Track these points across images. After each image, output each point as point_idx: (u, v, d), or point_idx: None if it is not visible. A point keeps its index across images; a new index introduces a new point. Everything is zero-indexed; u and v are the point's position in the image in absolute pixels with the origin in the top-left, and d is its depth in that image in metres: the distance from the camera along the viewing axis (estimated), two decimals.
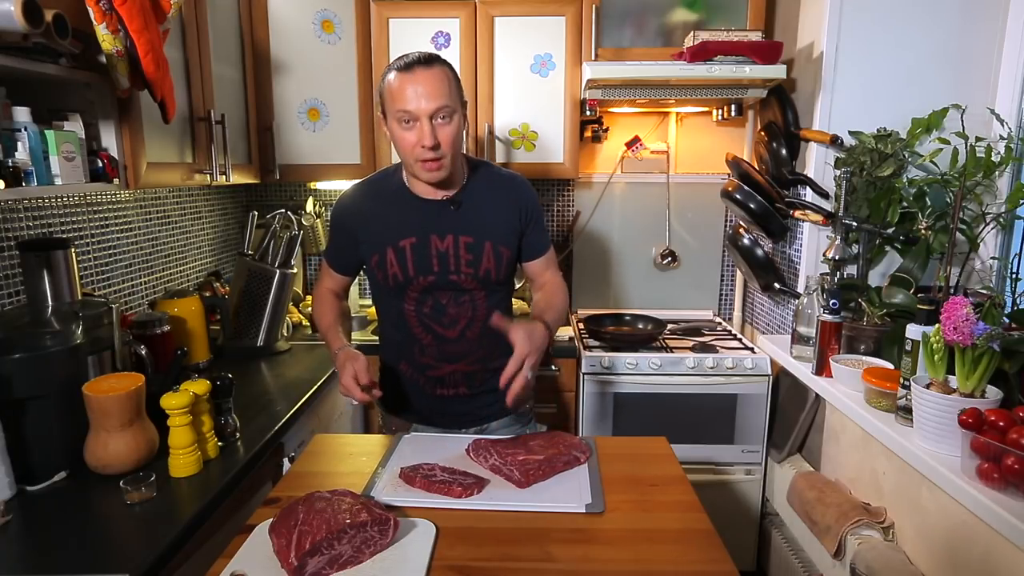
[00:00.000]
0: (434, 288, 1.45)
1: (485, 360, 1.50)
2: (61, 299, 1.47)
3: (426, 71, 1.31)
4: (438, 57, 1.36)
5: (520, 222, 1.49)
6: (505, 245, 1.47)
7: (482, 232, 1.45)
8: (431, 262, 1.44)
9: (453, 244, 1.43)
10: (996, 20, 1.92)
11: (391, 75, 1.34)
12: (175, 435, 1.27)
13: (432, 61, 1.33)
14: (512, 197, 1.49)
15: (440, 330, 1.48)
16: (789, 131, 2.22)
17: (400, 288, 1.46)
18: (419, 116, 1.30)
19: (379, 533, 0.98)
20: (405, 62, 1.33)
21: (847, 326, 1.80)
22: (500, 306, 1.51)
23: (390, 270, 1.45)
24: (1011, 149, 1.78)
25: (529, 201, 1.51)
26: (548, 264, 1.57)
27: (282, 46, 2.34)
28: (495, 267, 1.46)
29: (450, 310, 1.47)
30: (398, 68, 1.33)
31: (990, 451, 1.18)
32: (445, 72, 1.34)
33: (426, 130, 1.31)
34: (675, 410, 2.24)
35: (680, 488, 1.22)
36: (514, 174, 1.55)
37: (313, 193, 2.80)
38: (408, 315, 1.48)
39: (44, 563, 1.01)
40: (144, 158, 1.56)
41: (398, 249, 1.44)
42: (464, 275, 1.44)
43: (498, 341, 1.42)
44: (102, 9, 1.25)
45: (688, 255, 2.81)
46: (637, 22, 2.39)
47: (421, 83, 1.30)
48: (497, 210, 1.47)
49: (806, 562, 1.93)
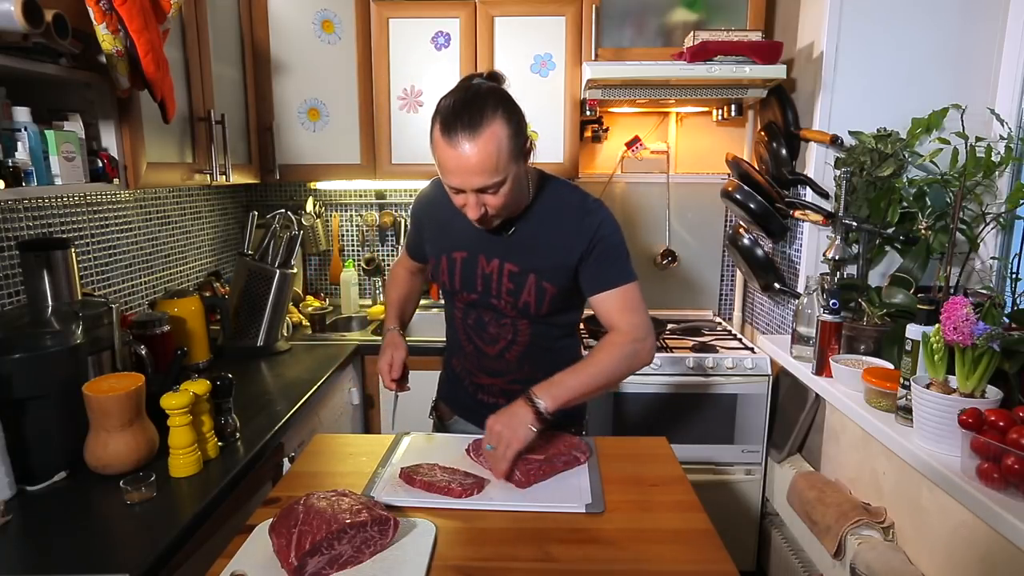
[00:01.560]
0: (477, 305, 1.42)
1: (524, 382, 1.32)
2: (61, 299, 1.47)
3: (472, 141, 1.13)
4: (491, 106, 1.16)
5: (580, 255, 1.31)
6: (551, 281, 1.33)
7: (529, 263, 1.33)
8: (475, 281, 1.38)
9: (498, 270, 1.35)
10: (996, 20, 1.92)
11: (436, 131, 1.17)
12: (175, 435, 1.27)
13: (480, 123, 1.14)
14: (575, 227, 1.31)
15: (481, 344, 1.45)
16: (789, 131, 2.22)
17: (449, 295, 1.47)
18: (465, 190, 1.20)
19: (379, 533, 0.98)
20: (449, 121, 1.15)
21: (847, 326, 1.80)
22: (549, 335, 1.41)
23: (441, 276, 1.43)
24: (1011, 149, 1.78)
25: (595, 231, 1.31)
26: (619, 305, 1.32)
27: (282, 46, 2.35)
28: (535, 301, 1.34)
29: (491, 329, 1.42)
30: (443, 127, 1.16)
31: (990, 451, 1.18)
32: (495, 135, 1.14)
33: (472, 202, 1.21)
34: (675, 410, 2.24)
35: (680, 488, 1.22)
36: (587, 199, 1.35)
37: (313, 193, 2.80)
38: (456, 320, 1.48)
39: (44, 563, 1.01)
40: (144, 158, 1.56)
41: (451, 259, 1.40)
42: (504, 302, 1.37)
43: (540, 368, 1.36)
44: (102, 9, 1.25)
45: (688, 255, 2.81)
46: (637, 22, 2.39)
47: (466, 157, 1.15)
48: (554, 241, 1.32)
49: (806, 562, 1.93)
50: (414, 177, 2.46)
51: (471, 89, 1.20)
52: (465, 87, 1.22)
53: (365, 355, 2.28)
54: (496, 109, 1.16)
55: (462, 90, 1.20)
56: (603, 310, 1.34)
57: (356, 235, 2.86)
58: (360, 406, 2.29)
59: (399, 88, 2.40)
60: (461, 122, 1.14)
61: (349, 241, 2.87)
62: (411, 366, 1.50)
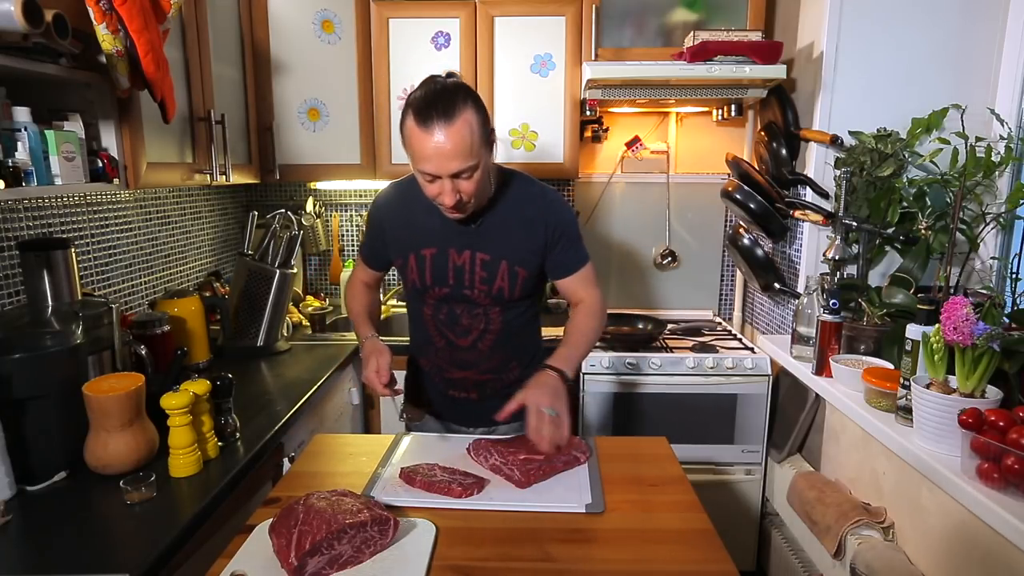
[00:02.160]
0: (449, 299, 1.47)
1: (497, 371, 1.52)
2: (61, 299, 1.47)
3: (447, 128, 1.20)
4: (461, 97, 1.23)
5: (544, 240, 1.43)
6: (522, 265, 1.43)
7: (500, 251, 1.42)
8: (447, 275, 1.44)
9: (470, 260, 1.42)
10: (996, 20, 1.92)
11: (410, 121, 1.23)
12: (175, 435, 1.27)
13: (453, 111, 1.21)
14: (538, 215, 1.43)
15: (453, 338, 1.50)
16: (789, 131, 2.22)
17: (419, 293, 1.49)
18: (440, 176, 1.25)
19: (379, 533, 0.98)
20: (424, 111, 1.21)
21: (847, 326, 1.80)
22: (517, 321, 1.50)
23: (410, 275, 1.47)
24: (1011, 149, 1.78)
25: (556, 218, 1.43)
26: (582, 282, 1.49)
27: (282, 46, 2.34)
28: (508, 286, 1.44)
29: (463, 320, 1.48)
30: (418, 117, 1.22)
31: (990, 451, 1.18)
32: (468, 122, 1.22)
33: (447, 189, 1.26)
34: (675, 410, 2.24)
35: (680, 488, 1.22)
36: (546, 190, 1.47)
37: (313, 193, 2.80)
38: (426, 318, 1.51)
39: (44, 563, 1.01)
40: (144, 158, 1.56)
41: (419, 257, 1.45)
42: (478, 291, 1.44)
43: (510, 354, 1.50)
44: (102, 9, 1.25)
45: (688, 255, 2.81)
46: (637, 22, 2.39)
47: (442, 143, 1.21)
48: (519, 228, 1.42)
49: (806, 562, 1.93)
50: None
51: (439, 83, 1.27)
52: (432, 82, 1.28)
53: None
54: (466, 99, 1.24)
55: (430, 83, 1.27)
56: (570, 289, 1.50)
57: (356, 235, 2.86)
58: (360, 406, 2.29)
59: (399, 88, 2.40)
60: (436, 111, 1.20)
61: (349, 241, 2.87)
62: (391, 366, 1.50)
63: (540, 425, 1.23)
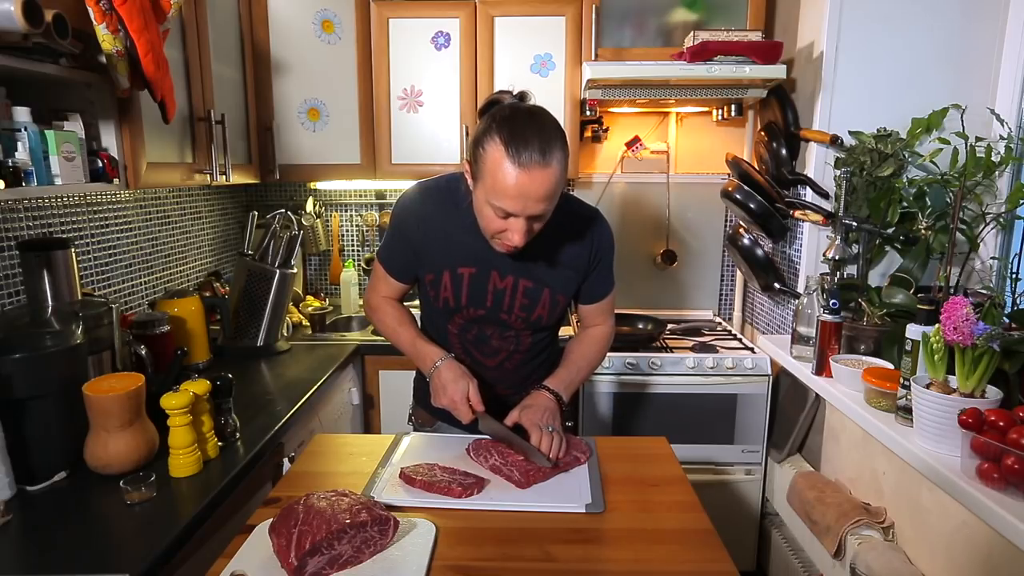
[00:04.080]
0: (482, 320, 1.39)
1: (518, 387, 1.45)
2: (61, 299, 1.47)
3: (542, 171, 1.11)
4: (557, 137, 1.15)
5: (587, 266, 1.38)
6: (563, 293, 1.38)
7: (544, 278, 1.36)
8: (485, 298, 1.35)
9: (512, 286, 1.35)
10: (996, 20, 1.92)
11: (498, 150, 1.12)
12: (175, 435, 1.27)
13: (551, 153, 1.12)
14: (585, 240, 1.37)
15: (479, 357, 1.44)
16: (789, 131, 2.22)
17: (448, 312, 1.40)
18: (517, 215, 1.16)
19: (379, 533, 0.98)
20: (519, 146, 1.11)
21: (847, 326, 1.80)
22: (544, 341, 1.48)
23: (443, 293, 1.36)
24: (1011, 149, 1.78)
25: (602, 244, 1.39)
26: (603, 310, 1.47)
27: (282, 46, 2.35)
28: (548, 314, 1.39)
29: (493, 342, 1.42)
30: (510, 150, 1.11)
31: (990, 451, 1.18)
32: (560, 165, 1.14)
33: (519, 228, 1.17)
34: (675, 410, 2.24)
35: (680, 488, 1.22)
36: (593, 213, 1.40)
37: (313, 193, 2.80)
38: (451, 336, 1.43)
39: (44, 563, 1.01)
40: (144, 158, 1.56)
41: (455, 275, 1.34)
42: (516, 317, 1.38)
43: (533, 371, 1.47)
44: (102, 9, 1.25)
45: (688, 255, 2.81)
46: (637, 22, 2.39)
47: (531, 185, 1.11)
48: (566, 255, 1.36)
49: (806, 562, 1.93)
50: (414, 177, 2.42)
51: (535, 114, 1.18)
52: (529, 111, 1.19)
53: (365, 355, 2.28)
54: (560, 140, 1.16)
55: (526, 114, 1.17)
56: (590, 314, 1.48)
57: (356, 235, 2.86)
58: (360, 406, 2.29)
59: (399, 88, 2.40)
60: (532, 149, 1.11)
61: (349, 241, 2.87)
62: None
63: (543, 441, 1.25)
